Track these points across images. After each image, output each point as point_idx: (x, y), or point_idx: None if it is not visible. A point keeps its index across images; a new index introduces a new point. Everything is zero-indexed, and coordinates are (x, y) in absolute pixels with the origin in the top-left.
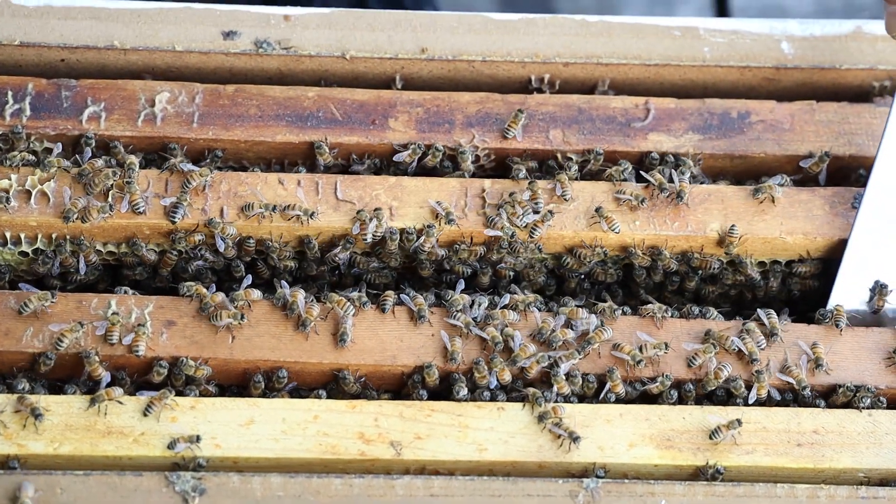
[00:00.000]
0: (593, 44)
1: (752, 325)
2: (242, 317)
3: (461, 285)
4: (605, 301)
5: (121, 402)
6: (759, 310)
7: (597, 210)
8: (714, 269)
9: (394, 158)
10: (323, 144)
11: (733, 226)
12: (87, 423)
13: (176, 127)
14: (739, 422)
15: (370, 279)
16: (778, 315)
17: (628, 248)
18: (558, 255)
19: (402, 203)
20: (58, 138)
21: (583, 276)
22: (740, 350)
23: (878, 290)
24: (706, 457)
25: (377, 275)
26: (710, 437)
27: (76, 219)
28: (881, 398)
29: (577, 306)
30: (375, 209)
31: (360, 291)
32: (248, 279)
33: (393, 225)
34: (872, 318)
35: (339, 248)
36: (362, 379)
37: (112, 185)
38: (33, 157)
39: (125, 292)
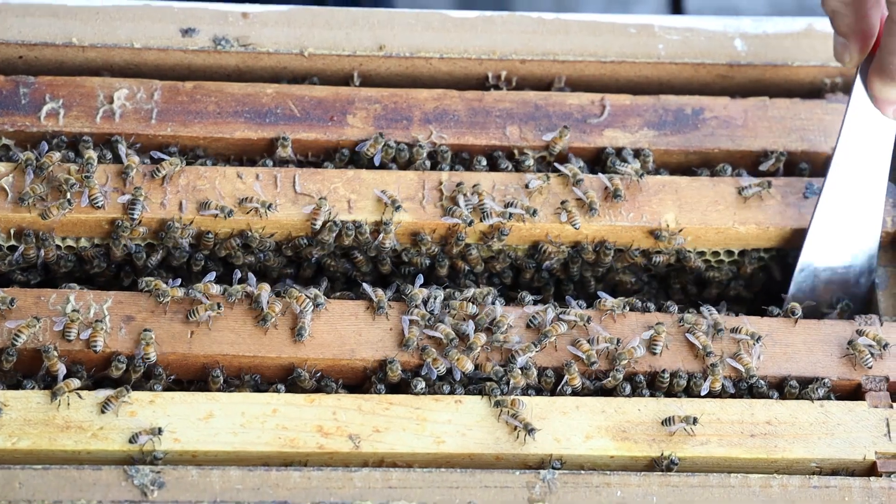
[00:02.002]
0: (550, 41)
1: (693, 317)
2: (219, 306)
3: (420, 279)
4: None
5: (80, 396)
6: (701, 306)
7: (562, 203)
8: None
9: (356, 148)
10: (288, 138)
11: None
12: (46, 418)
13: (134, 123)
14: (695, 420)
15: (331, 271)
16: (717, 309)
17: (580, 244)
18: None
19: (361, 196)
20: (16, 135)
21: (540, 269)
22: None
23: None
24: (661, 448)
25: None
26: (663, 424)
27: (31, 203)
28: (831, 392)
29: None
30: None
31: (319, 288)
32: (212, 275)
33: (353, 218)
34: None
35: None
36: (318, 374)
37: (72, 179)
38: None
39: (75, 288)
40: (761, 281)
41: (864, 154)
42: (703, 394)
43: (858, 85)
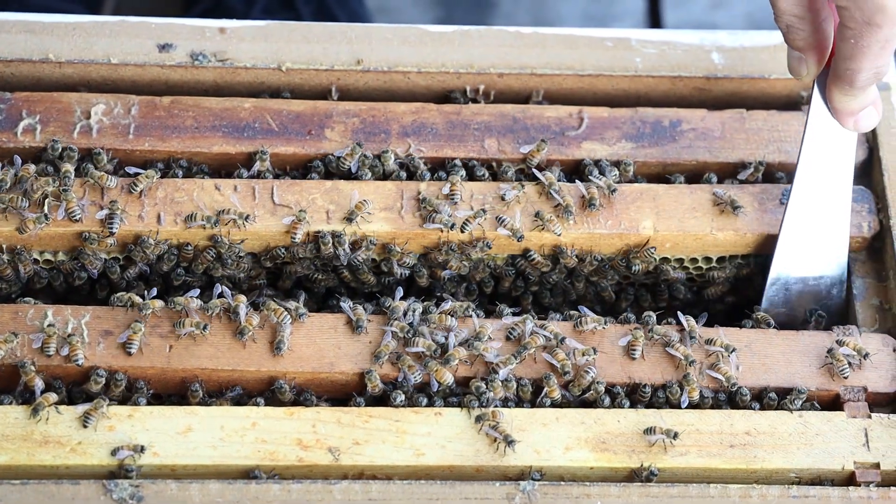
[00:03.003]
0: (527, 55)
1: (663, 328)
2: (205, 327)
3: (400, 291)
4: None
5: (58, 411)
6: (679, 314)
7: (536, 214)
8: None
9: (335, 153)
10: (266, 151)
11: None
12: (24, 433)
13: (112, 138)
14: (676, 435)
15: (313, 283)
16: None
17: (559, 248)
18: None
19: (340, 207)
20: None
21: (522, 278)
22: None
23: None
24: (641, 459)
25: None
26: (645, 433)
27: (3, 210)
28: (813, 400)
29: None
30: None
31: (298, 301)
32: (196, 291)
33: (330, 228)
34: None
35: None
36: (294, 389)
37: (49, 192)
38: None
39: (31, 302)
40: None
41: (827, 165)
42: (683, 406)
43: (816, 96)
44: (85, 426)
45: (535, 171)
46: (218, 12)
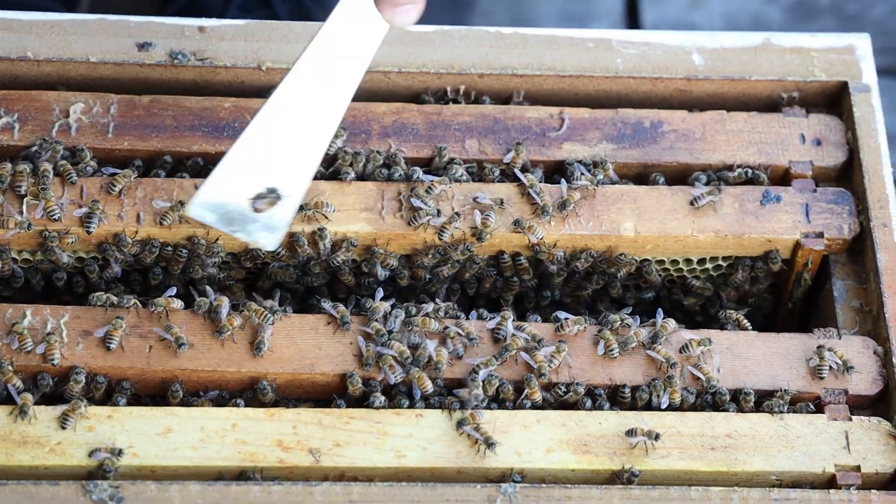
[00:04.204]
0: (508, 55)
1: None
2: (182, 345)
3: (380, 293)
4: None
5: (34, 415)
6: (658, 313)
7: (516, 222)
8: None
9: None
10: None
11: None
12: (3, 434)
13: (91, 137)
14: (658, 436)
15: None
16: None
17: (536, 247)
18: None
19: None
20: None
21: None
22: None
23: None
24: (622, 461)
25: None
26: (627, 434)
27: None
28: (793, 402)
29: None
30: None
31: (275, 300)
32: (173, 290)
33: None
34: None
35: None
36: (275, 390)
37: (26, 190)
38: None
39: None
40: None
41: (333, 67)
42: (662, 406)
43: None
44: (63, 427)
45: (517, 172)
46: (195, 9)
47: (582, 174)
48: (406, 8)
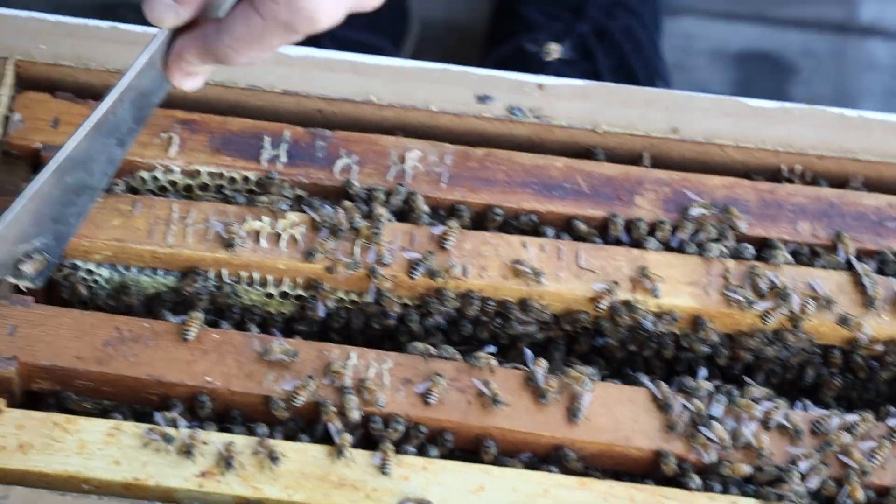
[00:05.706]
0: (849, 138)
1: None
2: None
3: (703, 371)
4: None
5: (353, 458)
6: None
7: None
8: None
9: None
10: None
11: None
12: (322, 473)
13: (425, 185)
14: None
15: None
16: None
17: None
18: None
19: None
20: (311, 187)
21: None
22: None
23: None
24: None
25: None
26: None
27: (320, 258)
28: None
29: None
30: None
31: (594, 367)
32: (491, 347)
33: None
34: None
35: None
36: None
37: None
38: (286, 203)
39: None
40: None
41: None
42: None
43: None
44: (384, 474)
45: (851, 258)
46: (517, 59)
47: None
48: (200, 78)
